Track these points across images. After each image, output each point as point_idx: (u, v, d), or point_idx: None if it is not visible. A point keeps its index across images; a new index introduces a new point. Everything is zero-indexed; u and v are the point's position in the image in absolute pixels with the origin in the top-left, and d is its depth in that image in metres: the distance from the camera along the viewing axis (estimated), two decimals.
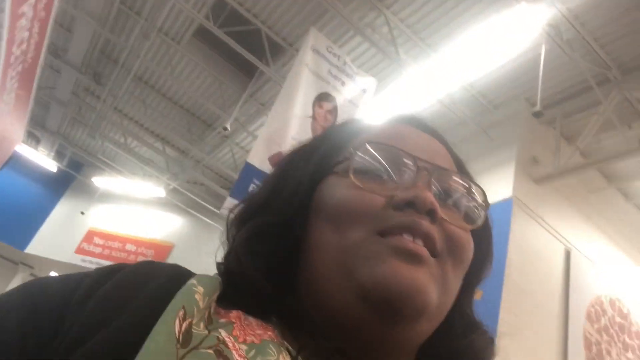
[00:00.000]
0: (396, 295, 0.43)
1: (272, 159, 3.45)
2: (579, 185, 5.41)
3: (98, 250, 9.82)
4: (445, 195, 0.51)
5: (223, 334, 0.40)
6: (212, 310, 0.43)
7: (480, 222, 0.52)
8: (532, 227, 4.64)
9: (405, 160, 0.50)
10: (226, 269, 0.50)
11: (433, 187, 0.49)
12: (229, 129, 6.30)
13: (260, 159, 3.47)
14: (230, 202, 3.27)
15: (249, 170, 3.41)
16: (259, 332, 0.42)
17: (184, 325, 0.39)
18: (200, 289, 0.43)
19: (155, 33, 5.76)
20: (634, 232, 5.82)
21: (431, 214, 0.47)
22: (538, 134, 5.16)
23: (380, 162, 0.50)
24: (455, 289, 0.50)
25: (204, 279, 0.45)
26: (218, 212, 7.22)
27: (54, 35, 6.06)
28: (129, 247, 9.85)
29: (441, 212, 0.48)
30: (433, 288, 0.45)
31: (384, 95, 4.94)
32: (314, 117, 3.91)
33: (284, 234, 0.50)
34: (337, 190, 0.50)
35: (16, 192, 10.12)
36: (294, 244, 0.51)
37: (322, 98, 4.02)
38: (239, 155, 7.78)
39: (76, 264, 9.47)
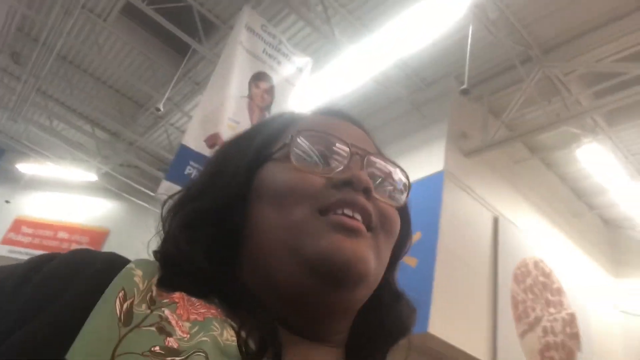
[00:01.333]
0: (340, 265, 0.47)
1: (209, 140, 3.40)
2: (505, 157, 5.76)
3: (27, 239, 9.30)
4: (374, 177, 0.55)
5: (166, 312, 0.41)
6: (154, 293, 0.43)
7: (402, 201, 0.57)
8: (462, 197, 4.91)
9: (339, 145, 0.54)
10: (164, 254, 0.51)
11: (367, 169, 0.54)
12: (162, 109, 6.12)
13: (195, 140, 3.41)
14: (166, 185, 3.21)
15: (185, 152, 3.35)
16: (202, 310, 0.43)
17: (125, 305, 0.40)
18: (139, 271, 0.44)
19: (78, 9, 5.43)
20: (555, 198, 6.29)
21: (367, 191, 0.51)
22: (467, 110, 5.41)
23: (317, 148, 0.54)
24: (386, 260, 0.55)
25: (142, 262, 0.47)
26: (154, 195, 7.04)
27: None
28: (61, 234, 9.40)
29: (370, 183, 0.52)
30: (371, 257, 0.50)
31: (321, 75, 4.97)
32: (250, 97, 3.88)
33: (222, 219, 0.52)
34: (278, 174, 0.53)
35: None
36: (232, 228, 0.52)
37: (259, 78, 3.99)
38: (174, 137, 7.58)
39: (3, 255, 8.93)
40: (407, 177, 0.59)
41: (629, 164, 5.60)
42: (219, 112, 3.54)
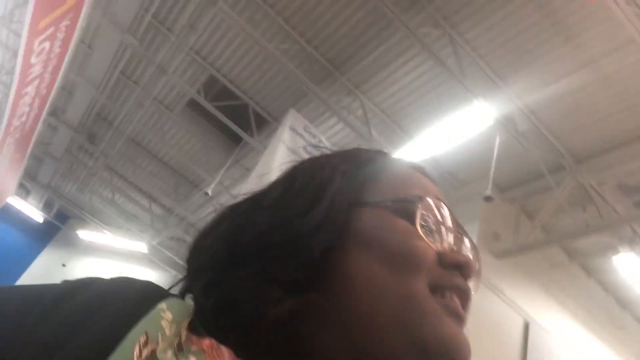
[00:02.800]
0: (456, 354, 0.45)
1: None
2: (541, 260, 5.73)
3: None
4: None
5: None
6: (183, 338, 0.41)
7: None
8: (490, 298, 4.91)
9: (452, 218, 0.53)
10: (225, 304, 0.44)
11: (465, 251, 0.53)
12: (210, 194, 6.63)
13: None
14: None
15: None
16: None
17: (145, 351, 0.38)
18: (169, 315, 0.42)
19: (149, 101, 6.20)
20: (594, 305, 6.10)
21: (470, 279, 0.51)
22: (500, 211, 5.53)
23: (435, 216, 0.51)
24: None
25: (174, 304, 0.43)
26: None
27: (55, 96, 6.48)
28: None
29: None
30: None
31: None
32: None
33: (305, 261, 0.46)
34: (394, 230, 0.49)
35: (0, 241, 10.20)
36: (310, 275, 0.46)
37: None
38: None
39: None
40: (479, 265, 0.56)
41: None
42: None
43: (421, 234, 0.49)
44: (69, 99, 6.98)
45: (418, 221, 0.49)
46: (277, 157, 4.26)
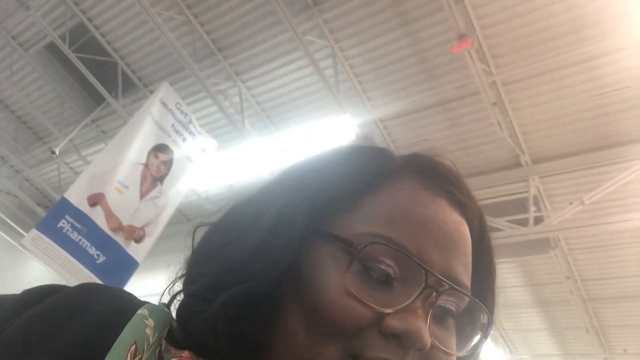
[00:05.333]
0: None
1: (91, 199, 3.52)
2: None
3: None
4: (447, 313, 0.45)
5: None
6: (162, 348, 0.40)
7: (471, 348, 0.47)
8: None
9: (416, 272, 0.42)
10: (190, 322, 0.43)
11: (437, 307, 0.43)
12: (57, 153, 6.06)
13: (78, 196, 3.51)
14: (34, 234, 3.23)
15: (64, 205, 3.42)
16: None
17: None
18: (151, 322, 0.40)
19: (2, 34, 5.45)
20: None
21: (420, 351, 0.41)
22: None
23: (386, 263, 0.42)
24: None
25: (155, 310, 0.42)
26: (25, 235, 6.69)
27: None
28: None
29: (431, 340, 0.41)
30: None
31: (223, 157, 5.32)
32: (146, 165, 4.09)
33: (265, 300, 0.42)
34: (327, 283, 0.42)
35: None
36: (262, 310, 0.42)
37: (159, 149, 4.24)
38: (65, 176, 7.39)
39: None
40: (489, 320, 0.46)
41: None
42: (110, 173, 3.70)
43: (351, 288, 0.40)
44: None
45: (347, 280, 0.41)
46: (142, 130, 4.09)
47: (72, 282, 3.62)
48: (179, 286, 0.50)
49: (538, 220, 4.60)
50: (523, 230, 4.45)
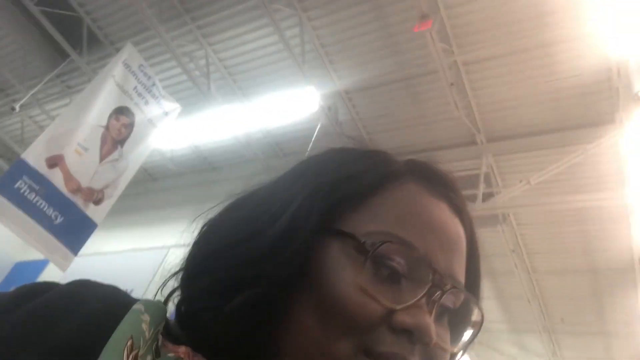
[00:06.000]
0: None
1: (50, 160, 3.55)
2: None
3: None
4: (445, 311, 0.47)
5: None
6: (159, 343, 0.41)
7: (462, 344, 0.50)
8: None
9: (424, 270, 0.45)
10: (193, 320, 0.44)
11: (439, 305, 0.45)
12: (17, 109, 5.95)
13: (36, 157, 3.53)
14: None
15: (21, 166, 3.45)
16: None
17: (131, 356, 0.37)
18: (147, 317, 0.41)
19: None
20: None
21: (425, 344, 0.43)
22: None
23: (396, 262, 0.44)
24: None
25: (150, 305, 0.42)
26: None
27: None
28: None
29: (434, 336, 0.43)
30: None
31: (187, 122, 5.35)
32: (107, 128, 4.10)
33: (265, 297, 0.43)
34: (340, 279, 0.43)
35: None
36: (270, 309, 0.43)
37: (121, 111, 4.25)
38: (28, 129, 7.28)
39: None
40: (482, 319, 0.50)
41: None
42: (69, 135, 3.72)
43: (365, 285, 0.42)
44: None
45: (363, 274, 0.43)
46: (103, 92, 4.07)
47: (29, 241, 3.70)
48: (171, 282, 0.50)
49: (487, 197, 4.83)
50: (471, 206, 4.67)
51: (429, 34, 3.89)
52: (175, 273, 0.50)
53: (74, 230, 3.73)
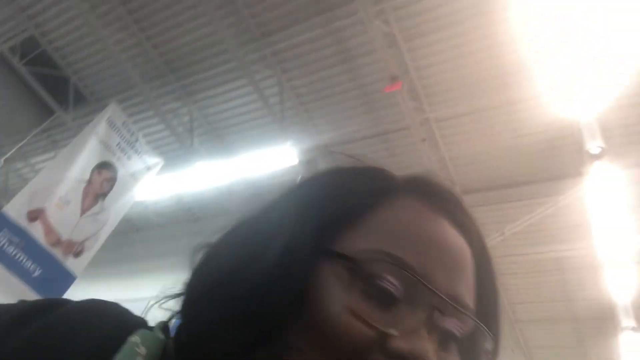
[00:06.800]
0: None
1: (31, 214, 3.62)
2: None
3: None
4: (450, 337, 0.43)
5: None
6: None
7: None
8: None
9: (422, 292, 0.41)
10: (205, 351, 0.42)
11: (440, 329, 0.42)
12: (2, 163, 6.05)
13: (18, 210, 3.60)
14: None
15: (2, 220, 3.51)
16: None
17: None
18: (143, 350, 0.40)
19: None
20: None
21: None
22: None
23: (391, 282, 0.41)
24: None
25: (148, 337, 0.42)
26: None
27: None
28: None
29: None
30: None
31: (170, 175, 5.46)
32: (89, 182, 4.20)
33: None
34: (331, 302, 0.41)
35: None
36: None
37: (103, 166, 4.36)
38: (12, 182, 7.34)
39: None
40: (496, 344, 0.46)
41: None
42: (51, 189, 3.80)
43: (354, 307, 0.40)
44: None
45: (355, 290, 0.41)
46: (86, 149, 4.20)
47: (7, 294, 3.68)
48: (165, 305, 0.48)
49: None
50: None
51: (399, 94, 4.12)
52: (175, 296, 0.48)
53: (52, 282, 3.75)
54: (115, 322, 0.42)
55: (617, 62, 3.54)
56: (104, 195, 4.31)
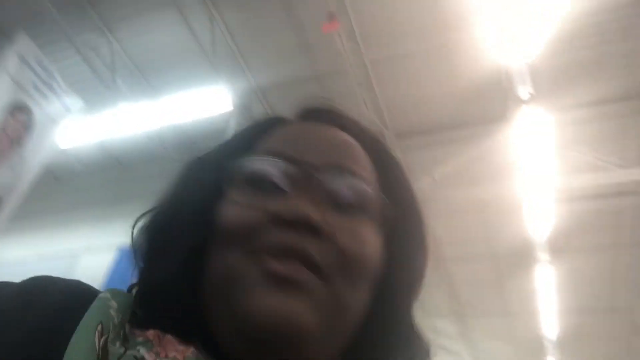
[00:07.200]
0: (265, 331, 0.39)
1: None
2: None
3: None
4: (344, 200, 0.46)
5: (142, 351, 0.38)
6: (127, 330, 0.41)
7: (381, 213, 0.48)
8: None
9: (289, 167, 0.46)
10: (144, 292, 0.46)
11: (322, 192, 0.45)
12: None
13: None
14: None
15: None
16: (181, 347, 0.40)
17: (102, 340, 0.37)
18: (114, 304, 0.41)
19: None
20: None
21: (313, 229, 0.42)
22: None
23: (261, 174, 0.46)
24: (358, 305, 0.45)
25: (117, 294, 0.43)
26: None
27: None
28: None
29: (330, 223, 0.43)
30: (310, 316, 0.40)
31: (93, 119, 5.09)
32: (2, 126, 3.82)
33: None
34: (222, 206, 0.46)
35: None
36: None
37: (17, 108, 3.97)
38: None
39: None
40: (392, 210, 0.49)
41: None
42: None
43: (235, 199, 0.45)
44: None
45: (231, 189, 0.46)
46: None
47: None
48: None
49: None
50: None
51: (337, 34, 4.02)
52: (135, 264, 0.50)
53: None
54: (79, 285, 0.45)
55: (548, 8, 3.64)
56: (19, 140, 3.94)
